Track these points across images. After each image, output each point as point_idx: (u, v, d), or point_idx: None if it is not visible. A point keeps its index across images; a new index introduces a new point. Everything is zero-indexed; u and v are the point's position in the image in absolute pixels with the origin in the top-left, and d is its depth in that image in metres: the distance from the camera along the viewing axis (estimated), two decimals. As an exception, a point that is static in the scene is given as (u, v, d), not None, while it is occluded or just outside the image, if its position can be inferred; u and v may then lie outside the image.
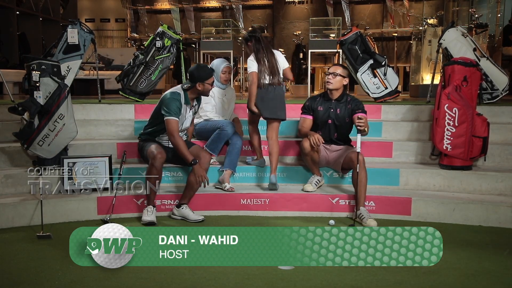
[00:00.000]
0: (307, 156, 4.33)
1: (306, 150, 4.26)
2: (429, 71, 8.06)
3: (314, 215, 4.28)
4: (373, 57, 5.94)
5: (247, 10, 14.51)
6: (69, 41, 5.67)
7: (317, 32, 8.31)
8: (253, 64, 4.42)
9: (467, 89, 4.46)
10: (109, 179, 4.36)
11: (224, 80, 4.87)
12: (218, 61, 4.95)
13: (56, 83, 4.31)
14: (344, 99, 4.33)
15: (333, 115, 4.31)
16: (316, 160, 4.37)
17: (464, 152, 4.46)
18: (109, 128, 5.25)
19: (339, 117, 4.31)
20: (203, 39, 8.68)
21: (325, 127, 4.37)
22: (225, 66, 4.87)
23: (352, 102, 4.31)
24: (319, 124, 4.38)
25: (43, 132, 4.27)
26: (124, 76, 5.98)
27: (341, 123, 4.32)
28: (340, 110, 4.30)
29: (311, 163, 4.39)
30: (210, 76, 4.12)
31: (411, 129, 5.17)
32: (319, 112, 4.36)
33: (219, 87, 4.88)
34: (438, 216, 4.14)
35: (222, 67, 4.84)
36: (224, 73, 4.85)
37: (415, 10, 12.35)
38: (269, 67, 4.40)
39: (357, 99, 4.38)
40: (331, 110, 4.32)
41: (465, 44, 5.56)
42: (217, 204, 4.34)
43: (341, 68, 4.35)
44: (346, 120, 4.31)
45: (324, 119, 4.34)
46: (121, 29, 16.46)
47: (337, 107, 4.31)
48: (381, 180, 4.56)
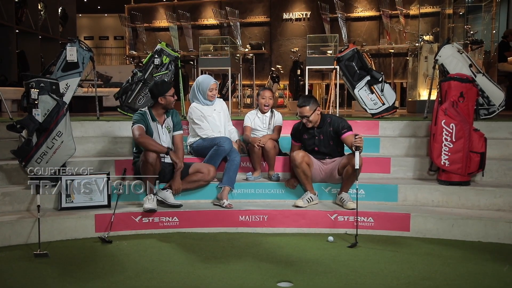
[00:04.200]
0: (298, 169, 4.37)
1: (297, 162, 4.34)
2: (426, 87, 8.10)
3: (312, 232, 4.26)
4: (370, 73, 5.97)
5: (245, 27, 14.62)
6: (68, 59, 5.69)
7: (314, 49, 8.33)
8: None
9: (463, 104, 4.48)
10: (107, 197, 4.35)
11: (211, 97, 4.87)
12: (203, 79, 4.94)
13: (54, 101, 4.32)
14: (324, 124, 4.49)
15: (318, 142, 4.53)
16: (308, 173, 4.41)
17: (462, 168, 4.46)
18: (107, 145, 5.25)
19: (323, 143, 4.51)
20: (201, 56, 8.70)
21: (312, 152, 4.56)
22: (212, 83, 4.87)
23: (334, 123, 4.44)
24: (307, 150, 4.56)
25: (41, 149, 4.27)
26: (123, 93, 5.99)
27: (327, 147, 4.52)
28: (323, 136, 4.50)
29: (304, 177, 4.41)
30: (169, 88, 4.43)
31: (409, 144, 5.18)
32: (305, 140, 4.58)
33: (206, 104, 4.88)
34: (437, 232, 4.12)
35: (209, 86, 4.84)
36: (211, 91, 4.87)
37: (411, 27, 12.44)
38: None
39: (338, 118, 4.51)
40: (315, 138, 4.53)
41: (461, 60, 5.60)
42: (215, 221, 4.32)
43: (307, 107, 4.38)
44: (331, 143, 4.51)
45: (310, 147, 4.56)
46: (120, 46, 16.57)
47: (320, 133, 4.51)
48: (379, 196, 4.55)
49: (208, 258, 3.59)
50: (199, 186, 4.57)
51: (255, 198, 4.66)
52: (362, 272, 3.30)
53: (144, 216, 4.22)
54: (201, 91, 4.87)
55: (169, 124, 4.52)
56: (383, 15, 12.96)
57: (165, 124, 4.49)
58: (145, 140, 4.22)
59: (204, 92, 4.84)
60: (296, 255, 3.67)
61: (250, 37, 14.61)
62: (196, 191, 4.61)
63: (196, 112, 4.84)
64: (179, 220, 4.28)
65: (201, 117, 4.81)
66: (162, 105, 4.41)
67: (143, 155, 4.18)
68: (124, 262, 3.51)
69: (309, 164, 4.43)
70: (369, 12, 13.61)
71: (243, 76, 11.55)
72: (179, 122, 4.62)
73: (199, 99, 4.90)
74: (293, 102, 11.40)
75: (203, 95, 4.86)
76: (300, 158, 4.35)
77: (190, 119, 4.90)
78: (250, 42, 14.26)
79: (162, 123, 4.47)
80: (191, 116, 4.86)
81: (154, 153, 4.17)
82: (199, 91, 4.89)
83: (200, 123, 4.80)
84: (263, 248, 3.85)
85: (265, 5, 14.63)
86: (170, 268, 3.36)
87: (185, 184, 4.48)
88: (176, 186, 4.41)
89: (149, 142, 4.22)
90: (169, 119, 4.53)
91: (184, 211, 4.32)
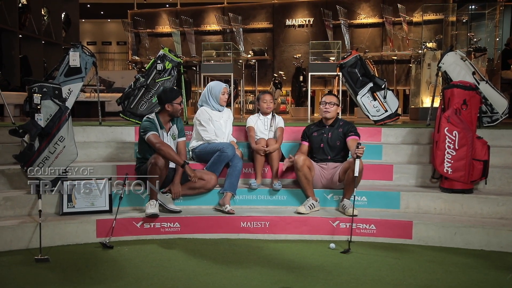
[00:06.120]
0: (300, 172, 4.43)
1: (298, 165, 4.41)
2: (429, 94, 8.11)
3: (314, 239, 4.26)
4: (372, 80, 5.98)
5: (248, 33, 14.66)
6: (70, 64, 5.71)
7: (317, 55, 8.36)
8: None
9: (466, 112, 4.49)
10: (109, 202, 4.36)
11: (223, 101, 4.92)
12: (216, 83, 5.02)
13: (57, 106, 4.34)
14: (337, 124, 4.76)
15: (325, 139, 4.71)
16: (309, 177, 4.46)
17: (465, 175, 4.46)
18: (109, 150, 5.27)
19: (331, 141, 4.68)
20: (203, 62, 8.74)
21: (319, 150, 4.73)
22: (224, 87, 4.94)
23: (345, 126, 4.69)
24: (313, 148, 4.72)
25: (43, 154, 4.28)
26: (125, 98, 6.01)
27: (333, 146, 4.68)
28: (332, 134, 4.68)
29: (305, 181, 4.45)
30: (177, 96, 4.41)
31: (411, 152, 5.18)
32: (314, 137, 4.77)
33: (217, 110, 4.93)
34: (439, 240, 4.12)
35: (221, 88, 4.90)
36: (223, 94, 4.92)
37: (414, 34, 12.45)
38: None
39: (350, 123, 4.75)
40: (324, 135, 4.71)
41: (464, 68, 5.61)
42: (216, 227, 4.32)
43: (335, 98, 4.83)
44: (337, 143, 4.66)
45: (317, 143, 4.73)
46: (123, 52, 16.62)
47: (330, 131, 4.69)
48: (381, 203, 4.55)
49: (209, 264, 3.59)
50: (199, 193, 4.58)
51: (256, 204, 4.67)
52: (364, 279, 3.30)
53: (145, 221, 4.23)
54: (214, 95, 4.92)
55: (174, 132, 4.54)
56: (386, 22, 12.98)
57: (171, 131, 4.51)
58: (165, 148, 4.23)
59: (217, 96, 4.90)
60: (297, 261, 3.67)
61: (253, 43, 14.66)
62: (198, 197, 4.62)
63: (205, 115, 4.87)
64: (180, 225, 4.29)
65: (208, 120, 4.84)
66: (169, 112, 4.43)
67: (154, 158, 4.18)
68: (125, 267, 3.52)
69: (310, 168, 4.49)
70: (372, 19, 13.63)
71: (246, 82, 11.56)
72: (183, 128, 4.66)
73: (210, 104, 4.94)
74: (296, 109, 11.40)
75: (215, 99, 4.91)
76: (302, 161, 4.42)
77: (196, 121, 4.91)
78: (252, 48, 14.29)
79: (168, 131, 4.49)
80: (198, 118, 4.88)
81: (164, 158, 4.20)
82: (211, 95, 4.93)
83: (206, 125, 4.82)
84: (265, 254, 3.85)
85: (268, 11, 14.68)
86: (171, 274, 3.37)
87: (185, 189, 4.49)
88: (175, 190, 4.42)
89: (168, 151, 4.23)
90: (174, 126, 4.55)
91: (185, 217, 4.32)
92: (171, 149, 4.29)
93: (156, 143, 4.23)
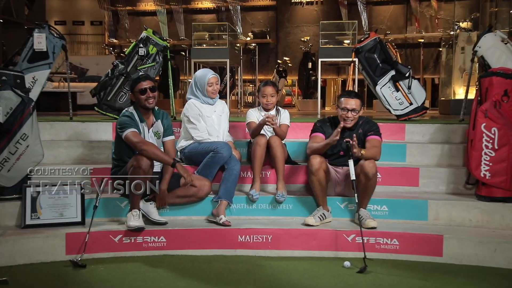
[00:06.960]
0: (315, 177, 4.36)
1: (314, 168, 4.33)
2: (462, 83, 8.12)
3: (325, 255, 4.25)
4: (395, 67, 5.98)
5: (247, 12, 14.68)
6: (35, 47, 5.71)
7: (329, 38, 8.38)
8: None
9: (508, 105, 4.48)
10: (81, 212, 4.35)
11: (212, 93, 4.87)
12: (202, 72, 4.97)
13: (19, 97, 4.33)
14: (357, 125, 4.54)
15: (345, 145, 4.37)
16: (324, 184, 4.41)
17: (506, 181, 4.46)
18: (81, 150, 5.26)
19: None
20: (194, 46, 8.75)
21: (334, 155, 4.58)
22: (211, 76, 4.86)
23: (365, 125, 4.54)
24: (330, 154, 4.55)
25: (2, 155, 4.28)
26: (101, 89, 6.01)
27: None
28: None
29: (319, 187, 4.41)
30: (137, 82, 4.37)
31: (441, 152, 5.18)
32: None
33: (207, 103, 4.89)
34: (476, 258, 4.11)
35: (207, 79, 4.83)
36: (211, 85, 4.84)
37: (445, 11, 12.48)
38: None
39: (371, 121, 4.60)
40: (343, 140, 4.36)
41: (505, 52, 5.60)
42: (209, 242, 4.32)
43: (359, 101, 4.48)
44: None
45: (336, 150, 4.53)
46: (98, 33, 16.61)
47: (349, 136, 4.36)
48: (406, 214, 4.55)
49: (201, 286, 3.58)
50: (189, 202, 4.57)
51: (257, 214, 4.66)
52: (385, 304, 3.29)
53: (125, 235, 4.21)
54: (200, 86, 4.87)
55: (159, 129, 4.49)
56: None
57: (154, 128, 4.47)
58: (149, 148, 4.18)
59: (203, 88, 4.84)
60: (305, 283, 3.66)
61: (253, 23, 14.68)
62: (187, 206, 4.60)
63: (194, 110, 4.83)
64: (166, 240, 4.28)
65: (198, 116, 4.80)
66: (136, 103, 4.40)
67: (135, 160, 4.13)
68: (100, 290, 3.51)
69: (326, 173, 4.42)
70: (395, -7, 13.66)
71: (244, 69, 11.59)
72: (170, 125, 4.62)
73: (198, 96, 4.89)
74: (303, 101, 11.41)
75: (201, 91, 4.86)
76: (317, 164, 4.33)
77: (184, 117, 4.87)
78: (252, 29, 14.32)
79: (150, 126, 4.46)
80: (187, 114, 4.84)
81: (149, 159, 4.16)
82: (198, 86, 4.89)
83: (196, 122, 4.79)
84: (266, 274, 3.85)
85: (270, -15, 14.71)
86: (155, 298, 3.37)
87: (172, 198, 4.47)
88: (161, 198, 4.40)
89: (153, 150, 4.18)
90: (158, 123, 4.50)
91: (172, 230, 4.32)
92: (156, 148, 4.26)
93: (137, 143, 4.18)
